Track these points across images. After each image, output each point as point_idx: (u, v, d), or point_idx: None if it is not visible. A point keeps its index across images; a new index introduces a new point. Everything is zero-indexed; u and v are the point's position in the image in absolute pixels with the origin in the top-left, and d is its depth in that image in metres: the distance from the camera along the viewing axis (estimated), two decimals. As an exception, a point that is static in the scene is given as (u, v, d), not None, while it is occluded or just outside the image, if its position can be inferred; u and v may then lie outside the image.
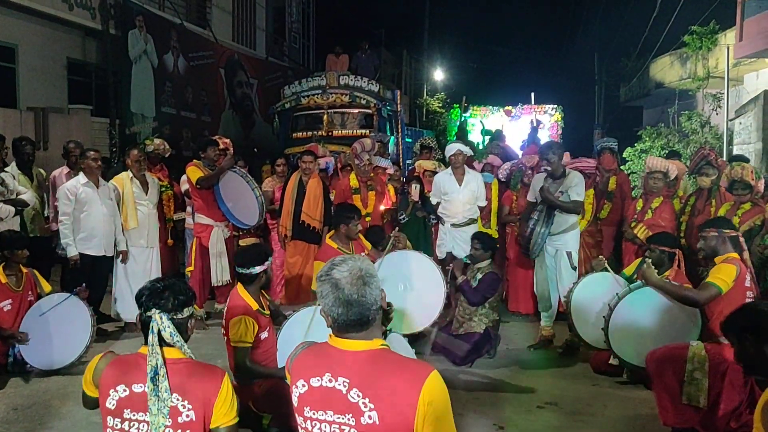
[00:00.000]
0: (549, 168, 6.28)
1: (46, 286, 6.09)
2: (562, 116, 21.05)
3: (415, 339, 6.23)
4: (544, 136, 19.81)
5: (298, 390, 2.25)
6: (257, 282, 4.51)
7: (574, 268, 6.28)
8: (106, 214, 6.76)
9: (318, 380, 2.19)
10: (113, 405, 2.47)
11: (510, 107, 21.06)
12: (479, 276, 5.90)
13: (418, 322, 5.55)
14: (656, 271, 4.96)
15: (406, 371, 2.14)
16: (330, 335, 2.25)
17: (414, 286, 5.61)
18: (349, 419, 2.13)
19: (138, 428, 2.44)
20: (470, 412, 4.85)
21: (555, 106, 21.17)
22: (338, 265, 2.20)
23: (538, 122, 19.84)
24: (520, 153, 11.12)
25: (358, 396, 2.12)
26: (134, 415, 2.44)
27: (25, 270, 5.93)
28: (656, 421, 4.46)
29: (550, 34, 29.47)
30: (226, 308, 4.51)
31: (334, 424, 2.16)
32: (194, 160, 7.27)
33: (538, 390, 5.40)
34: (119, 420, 2.46)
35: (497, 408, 5.01)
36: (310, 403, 2.21)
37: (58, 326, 5.73)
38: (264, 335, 4.47)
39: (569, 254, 6.23)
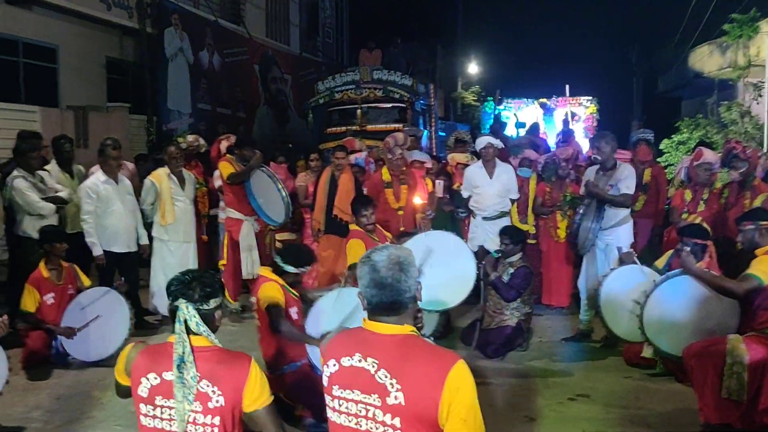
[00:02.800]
0: (599, 158, 6.22)
1: (86, 281, 6.28)
2: (598, 108, 20.77)
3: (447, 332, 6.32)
4: (578, 129, 19.59)
5: (329, 369, 2.30)
6: (287, 278, 4.63)
7: None
8: (127, 210, 6.90)
9: (348, 360, 2.25)
10: (145, 393, 2.53)
11: (544, 99, 20.83)
12: (511, 271, 5.89)
13: (449, 299, 5.48)
14: (691, 262, 4.89)
15: (434, 357, 2.19)
16: (364, 319, 2.31)
17: (443, 264, 5.41)
18: (375, 399, 2.17)
19: (170, 414, 2.49)
20: (501, 404, 4.86)
21: (590, 98, 20.88)
22: (379, 249, 2.28)
23: (573, 114, 19.63)
24: (555, 146, 11.04)
25: (386, 377, 2.16)
26: (166, 402, 2.49)
27: (65, 264, 6.10)
28: (688, 414, 4.43)
29: (585, 25, 29.03)
30: (254, 289, 4.64)
31: (360, 404, 2.20)
32: (227, 155, 7.39)
33: (570, 382, 5.39)
34: (152, 407, 2.52)
35: (529, 399, 5.02)
36: (339, 382, 2.27)
37: (98, 319, 5.88)
38: (292, 312, 4.60)
39: (620, 249, 6.11)
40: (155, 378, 2.52)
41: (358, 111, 14.00)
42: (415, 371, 2.14)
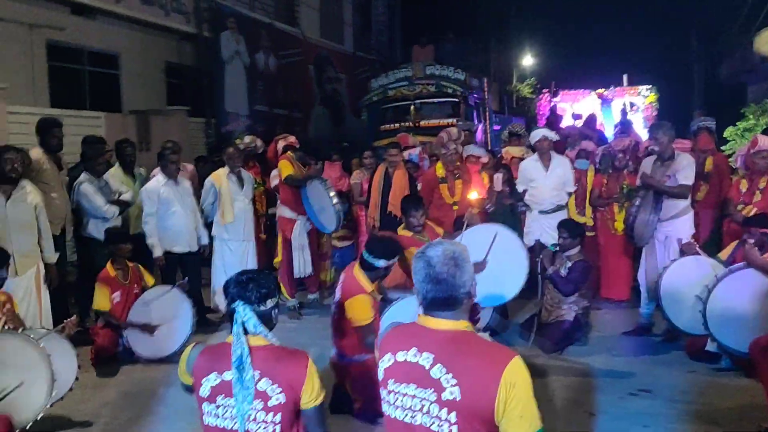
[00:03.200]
0: (656, 148, 6.10)
1: (150, 280, 6.47)
2: (657, 97, 20.26)
3: (504, 327, 6.27)
4: (637, 119, 19.15)
5: (384, 364, 2.32)
6: (376, 273, 4.63)
7: None
8: (187, 211, 7.05)
9: (404, 354, 2.26)
10: (207, 393, 2.57)
11: (602, 90, 20.44)
12: (569, 264, 5.80)
13: (502, 294, 5.41)
14: (757, 253, 4.75)
15: (490, 353, 2.19)
16: (419, 314, 2.32)
17: (495, 258, 5.27)
18: (430, 394, 2.17)
19: (232, 414, 2.53)
20: (560, 399, 4.81)
21: (649, 86, 20.39)
22: (434, 245, 2.29)
23: (632, 104, 19.20)
24: (612, 137, 10.84)
25: (441, 372, 2.16)
26: (227, 401, 2.53)
27: (131, 264, 6.30)
28: (757, 410, 4.28)
29: (643, 11, 28.24)
30: (340, 288, 4.66)
31: (416, 398, 2.21)
32: (288, 153, 7.52)
33: (631, 377, 5.28)
34: (214, 406, 2.56)
35: (588, 394, 4.95)
36: (394, 376, 2.28)
37: (162, 318, 6.07)
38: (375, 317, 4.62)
39: (680, 241, 5.96)
40: (216, 378, 2.56)
41: (412, 107, 14.00)
42: (470, 367, 2.14)
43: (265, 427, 2.52)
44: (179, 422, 4.59)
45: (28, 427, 3.95)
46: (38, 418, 4.02)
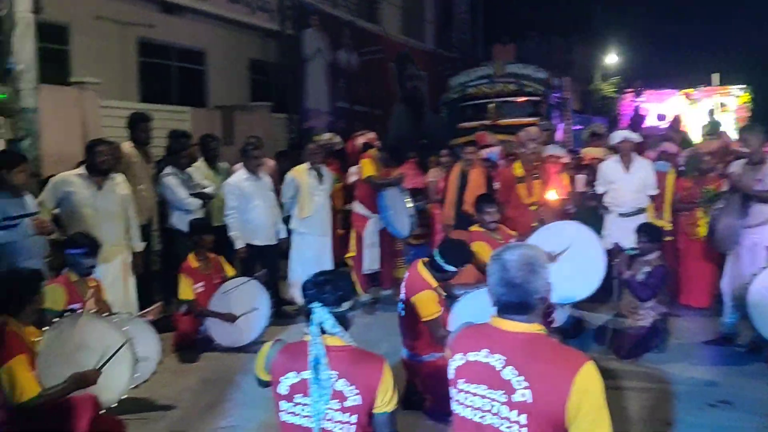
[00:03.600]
0: (746, 150, 5.88)
1: (230, 271, 6.67)
2: (752, 97, 19.40)
3: (579, 331, 6.17)
4: (727, 120, 18.39)
5: (455, 363, 2.34)
6: (443, 276, 4.65)
7: None
8: (267, 205, 7.21)
9: (475, 355, 2.28)
10: (285, 391, 2.62)
11: (690, 90, 19.73)
12: (647, 269, 5.66)
13: (575, 292, 5.27)
14: None
15: (563, 357, 2.19)
16: (492, 316, 2.33)
17: (571, 255, 5.13)
18: (501, 395, 2.19)
19: (309, 412, 2.57)
20: (635, 407, 4.70)
21: (743, 86, 19.54)
22: (511, 248, 2.30)
23: (722, 105, 18.46)
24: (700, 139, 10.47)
25: (513, 374, 2.17)
26: (305, 400, 2.57)
27: (212, 255, 6.51)
28: None
29: (734, 7, 27.04)
30: (404, 286, 4.71)
31: (486, 399, 2.23)
32: (370, 150, 7.61)
33: (710, 387, 5.10)
34: (291, 404, 2.61)
35: (664, 404, 4.81)
36: (465, 375, 2.30)
37: (241, 308, 6.25)
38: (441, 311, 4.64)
39: None
40: (295, 376, 2.61)
41: (491, 105, 13.88)
42: (543, 370, 2.14)
43: (341, 428, 2.56)
44: (256, 410, 4.70)
45: (114, 406, 4.14)
46: (122, 398, 4.21)
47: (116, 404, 4.15)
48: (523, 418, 2.15)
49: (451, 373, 2.37)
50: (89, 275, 4.97)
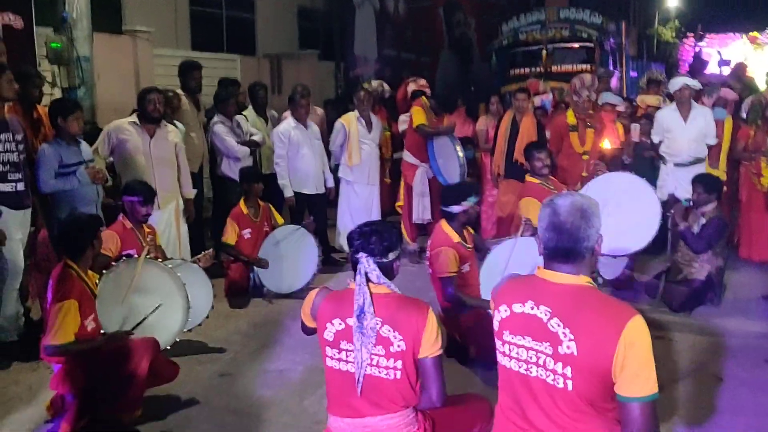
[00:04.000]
0: None
1: (279, 219, 6.73)
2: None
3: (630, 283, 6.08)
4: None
5: (500, 315, 2.32)
6: (457, 220, 4.68)
7: None
8: (315, 153, 7.21)
9: (520, 306, 2.24)
10: (331, 337, 2.66)
11: (755, 33, 18.89)
12: (703, 221, 5.50)
13: (629, 245, 5.16)
14: None
15: (610, 309, 2.13)
16: (538, 266, 2.30)
17: (625, 207, 5.02)
18: (546, 347, 2.16)
19: (354, 359, 2.62)
20: (686, 360, 4.63)
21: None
22: (564, 195, 2.26)
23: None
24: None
25: (559, 326, 2.14)
26: (350, 346, 2.61)
27: (262, 204, 6.58)
28: None
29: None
30: (429, 242, 4.72)
31: (531, 350, 2.21)
32: (421, 98, 7.54)
33: (766, 343, 4.97)
34: (336, 350, 2.65)
35: (717, 359, 4.72)
36: (510, 327, 2.28)
37: (290, 255, 6.33)
38: (465, 268, 4.65)
39: None
40: (340, 323, 2.64)
41: (543, 52, 13.54)
42: (589, 322, 2.11)
43: (387, 372, 2.60)
44: (303, 354, 4.80)
45: (168, 348, 4.27)
46: (176, 340, 4.33)
47: (170, 347, 4.28)
48: (568, 371, 2.12)
49: (495, 325, 2.35)
50: (145, 222, 5.07)
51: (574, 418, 2.15)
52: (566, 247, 2.19)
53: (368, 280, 2.64)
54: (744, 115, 7.82)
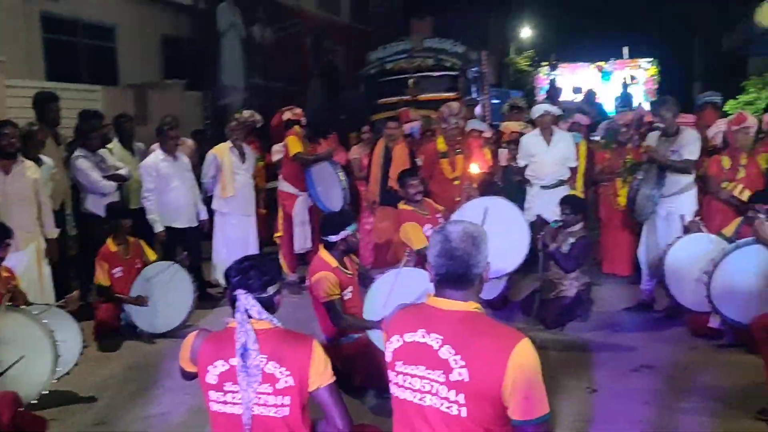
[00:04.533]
0: (661, 124, 6.07)
1: (151, 255, 6.45)
2: (659, 70, 20.16)
3: (505, 303, 6.29)
4: (638, 93, 19.06)
5: (392, 345, 2.32)
6: (336, 248, 4.68)
7: None
8: (186, 186, 7.04)
9: (412, 336, 2.26)
10: (215, 380, 2.55)
11: (602, 63, 20.32)
12: (571, 241, 5.79)
13: (502, 266, 5.37)
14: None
15: (499, 334, 2.19)
16: (428, 294, 2.33)
17: (496, 229, 5.35)
18: (439, 375, 2.18)
19: (239, 400, 2.52)
20: (562, 375, 4.82)
21: (650, 59, 20.27)
22: (455, 222, 2.32)
23: (633, 78, 19.10)
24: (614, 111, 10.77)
25: (450, 353, 2.16)
26: (235, 387, 2.51)
27: (131, 240, 6.29)
28: (760, 387, 4.27)
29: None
30: (309, 269, 4.71)
31: (424, 379, 2.22)
32: (295, 127, 7.49)
33: (632, 353, 5.30)
34: (221, 393, 2.55)
35: (589, 370, 4.97)
36: (402, 357, 2.28)
37: (164, 293, 6.08)
38: (347, 294, 4.65)
39: (682, 218, 5.95)
40: (223, 365, 2.54)
41: (410, 81, 13.88)
42: (479, 348, 2.15)
43: (275, 410, 2.52)
44: (184, 395, 4.61)
45: (33, 403, 3.96)
46: (43, 393, 4.03)
47: (37, 400, 3.97)
48: (461, 398, 2.15)
49: (388, 356, 2.35)
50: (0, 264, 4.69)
51: None
52: (458, 272, 2.24)
53: (249, 316, 2.56)
54: (598, 139, 8.35)
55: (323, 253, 4.71)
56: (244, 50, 15.00)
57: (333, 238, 4.65)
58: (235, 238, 7.32)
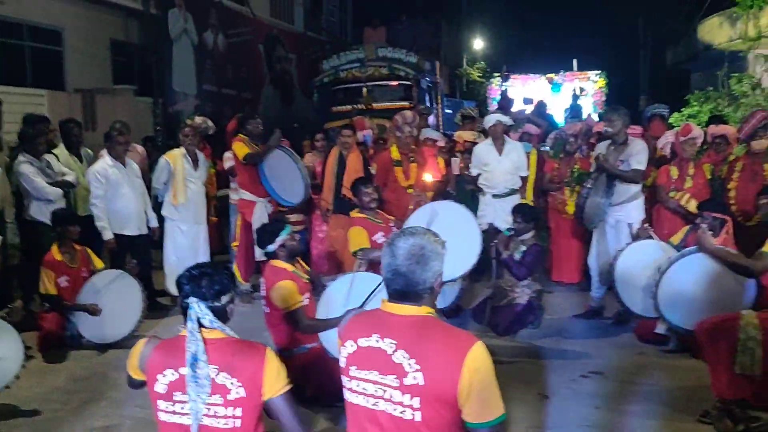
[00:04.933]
0: (610, 130, 6.18)
1: (99, 263, 6.30)
2: (606, 82, 20.64)
3: (459, 310, 6.32)
4: (587, 104, 19.46)
5: (346, 350, 2.31)
6: (280, 257, 4.66)
7: None
8: (136, 193, 6.89)
9: (366, 341, 2.26)
10: (164, 389, 2.49)
11: (552, 75, 20.71)
12: (523, 249, 5.86)
13: (454, 269, 5.26)
14: (707, 238, 4.85)
15: (453, 338, 2.20)
16: (383, 300, 2.32)
17: (448, 234, 5.37)
18: (392, 380, 2.18)
19: (188, 410, 2.46)
20: (514, 382, 4.85)
21: (598, 72, 20.75)
22: (405, 236, 2.27)
23: (581, 89, 19.50)
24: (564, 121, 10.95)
25: (404, 357, 2.16)
26: (184, 397, 2.46)
27: (78, 248, 6.13)
28: (703, 390, 4.40)
29: (593, -3, 28.73)
30: (263, 283, 4.65)
31: (378, 384, 2.21)
32: (240, 135, 7.38)
33: (582, 359, 5.39)
34: (170, 403, 2.49)
35: (541, 377, 5.03)
36: (356, 362, 2.28)
37: (112, 301, 5.91)
38: (304, 301, 4.60)
39: (630, 226, 6.08)
40: (173, 374, 2.48)
41: (363, 89, 13.93)
42: (433, 352, 2.15)
43: (225, 422, 2.46)
44: (134, 406, 4.51)
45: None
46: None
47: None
48: (416, 402, 2.15)
49: (342, 362, 2.33)
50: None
51: None
52: (403, 290, 2.24)
53: (201, 325, 2.51)
54: (547, 149, 8.49)
55: (275, 262, 4.66)
56: (196, 57, 14.85)
57: (272, 248, 4.65)
58: (185, 247, 7.20)
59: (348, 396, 2.32)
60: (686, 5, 18.91)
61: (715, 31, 17.30)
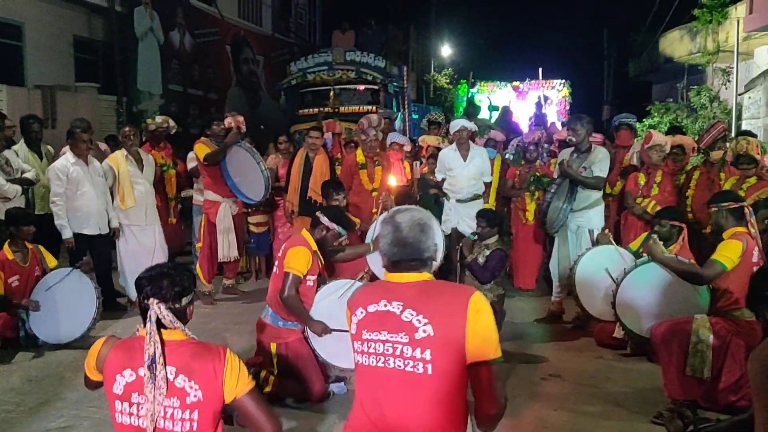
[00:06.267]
0: (574, 139, 6.27)
1: (52, 261, 6.15)
2: (570, 92, 20.93)
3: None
4: (551, 112, 19.71)
5: (356, 317, 2.46)
6: (318, 229, 4.73)
7: None
8: (98, 192, 6.76)
9: (374, 306, 2.42)
10: (121, 390, 2.45)
11: (518, 83, 20.95)
12: (487, 253, 5.90)
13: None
14: (663, 245, 4.95)
15: (454, 289, 2.46)
16: (385, 273, 2.50)
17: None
18: (402, 337, 2.33)
19: (145, 412, 2.42)
20: (474, 384, 4.90)
21: (563, 81, 21.04)
22: (402, 211, 2.50)
23: (546, 98, 19.74)
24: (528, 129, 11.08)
25: (412, 315, 2.33)
26: (142, 398, 2.42)
27: (30, 246, 5.98)
28: (657, 393, 4.51)
29: (558, 9, 29.12)
30: (285, 245, 4.70)
31: (387, 343, 2.36)
32: (201, 138, 7.31)
33: (542, 362, 5.45)
34: (127, 404, 2.45)
35: (503, 380, 5.05)
36: (366, 326, 2.42)
37: (65, 301, 5.80)
38: (309, 281, 4.66)
39: (591, 232, 6.19)
40: (131, 374, 2.45)
41: (331, 93, 13.93)
42: (438, 303, 2.33)
43: (182, 425, 2.42)
44: (89, 407, 4.45)
45: None
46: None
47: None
48: (427, 353, 2.29)
49: (353, 329, 2.47)
50: None
51: (432, 407, 2.31)
52: (410, 259, 2.42)
53: (160, 326, 2.48)
54: (510, 156, 8.59)
55: (306, 234, 4.72)
56: (161, 56, 14.70)
57: (325, 220, 4.68)
58: (137, 250, 7.05)
59: (359, 359, 2.45)
60: (648, 19, 19.29)
61: (676, 45, 17.72)
